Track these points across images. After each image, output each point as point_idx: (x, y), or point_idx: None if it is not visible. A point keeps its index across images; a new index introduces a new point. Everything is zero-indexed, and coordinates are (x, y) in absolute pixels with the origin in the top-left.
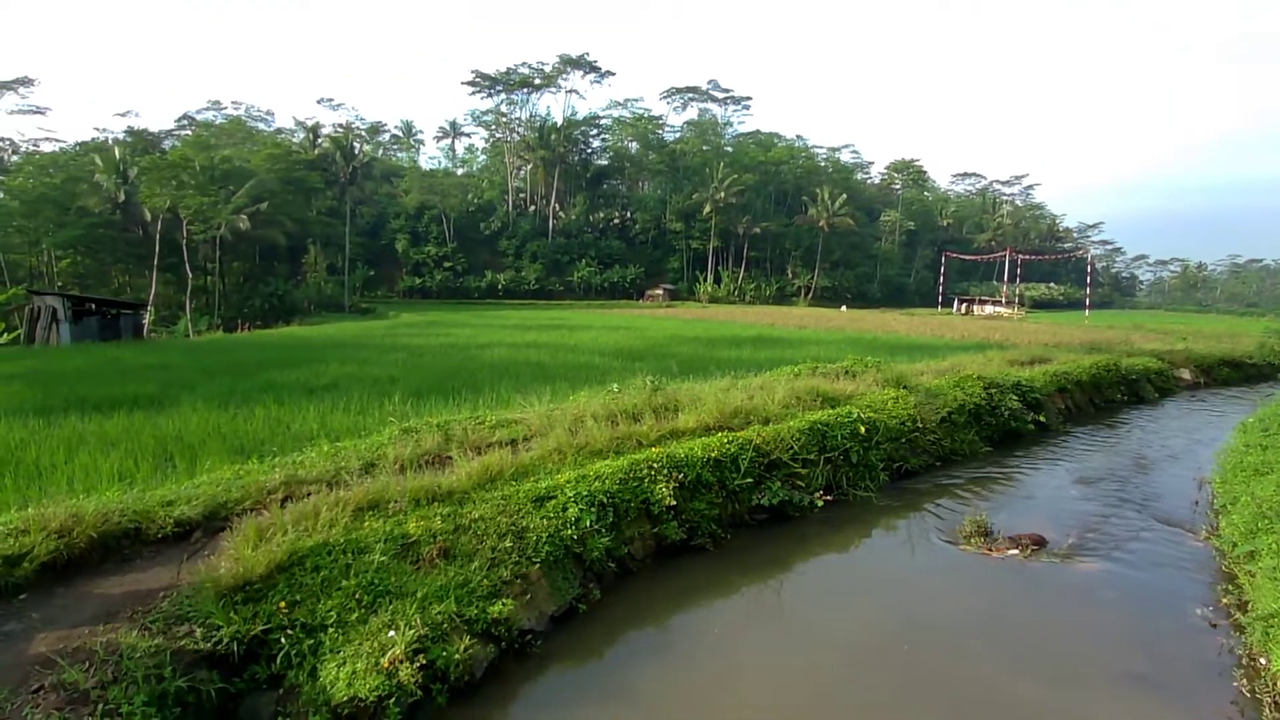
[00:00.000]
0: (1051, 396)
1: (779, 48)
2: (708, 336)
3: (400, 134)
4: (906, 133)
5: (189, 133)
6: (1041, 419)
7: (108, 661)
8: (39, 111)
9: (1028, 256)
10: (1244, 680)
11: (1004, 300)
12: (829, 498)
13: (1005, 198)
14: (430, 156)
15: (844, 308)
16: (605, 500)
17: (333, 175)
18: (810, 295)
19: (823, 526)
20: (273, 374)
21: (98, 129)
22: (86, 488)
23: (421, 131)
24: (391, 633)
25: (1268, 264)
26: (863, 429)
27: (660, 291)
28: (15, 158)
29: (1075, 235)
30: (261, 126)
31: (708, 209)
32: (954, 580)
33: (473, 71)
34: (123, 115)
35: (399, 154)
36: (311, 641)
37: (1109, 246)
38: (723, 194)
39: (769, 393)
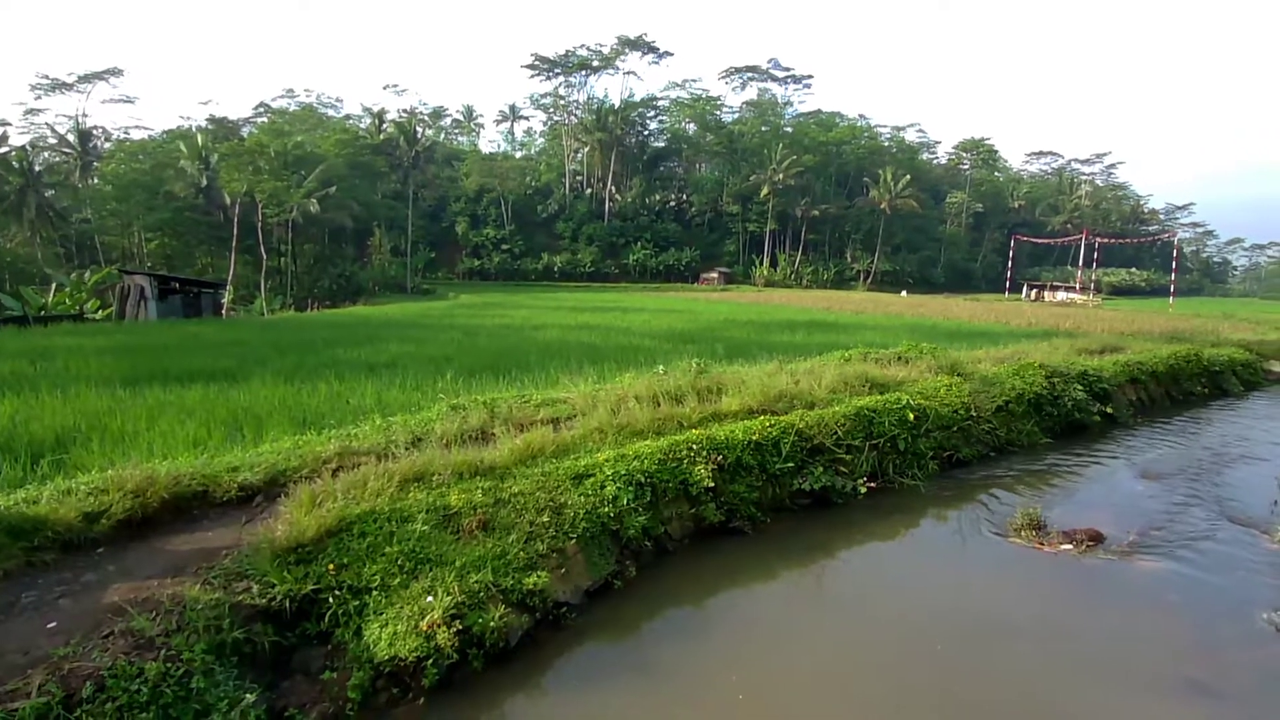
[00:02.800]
0: (1122, 387)
1: (843, 23)
2: (761, 320)
3: (461, 118)
4: (978, 110)
5: (265, 120)
6: (1109, 410)
7: (173, 612)
8: (128, 100)
9: (1106, 240)
10: None
11: (1079, 286)
12: (874, 485)
13: (1084, 177)
14: (490, 140)
15: (905, 293)
16: (643, 480)
17: (397, 159)
18: (870, 280)
19: (866, 514)
20: (337, 351)
21: (183, 117)
22: (164, 453)
23: (482, 115)
24: (430, 598)
25: None
26: (911, 416)
27: (716, 275)
28: (108, 145)
29: (1162, 217)
30: (331, 113)
31: (765, 191)
32: (1001, 574)
33: (532, 54)
34: (205, 104)
35: (460, 138)
36: (357, 603)
37: (1199, 229)
38: (781, 175)
39: (816, 377)
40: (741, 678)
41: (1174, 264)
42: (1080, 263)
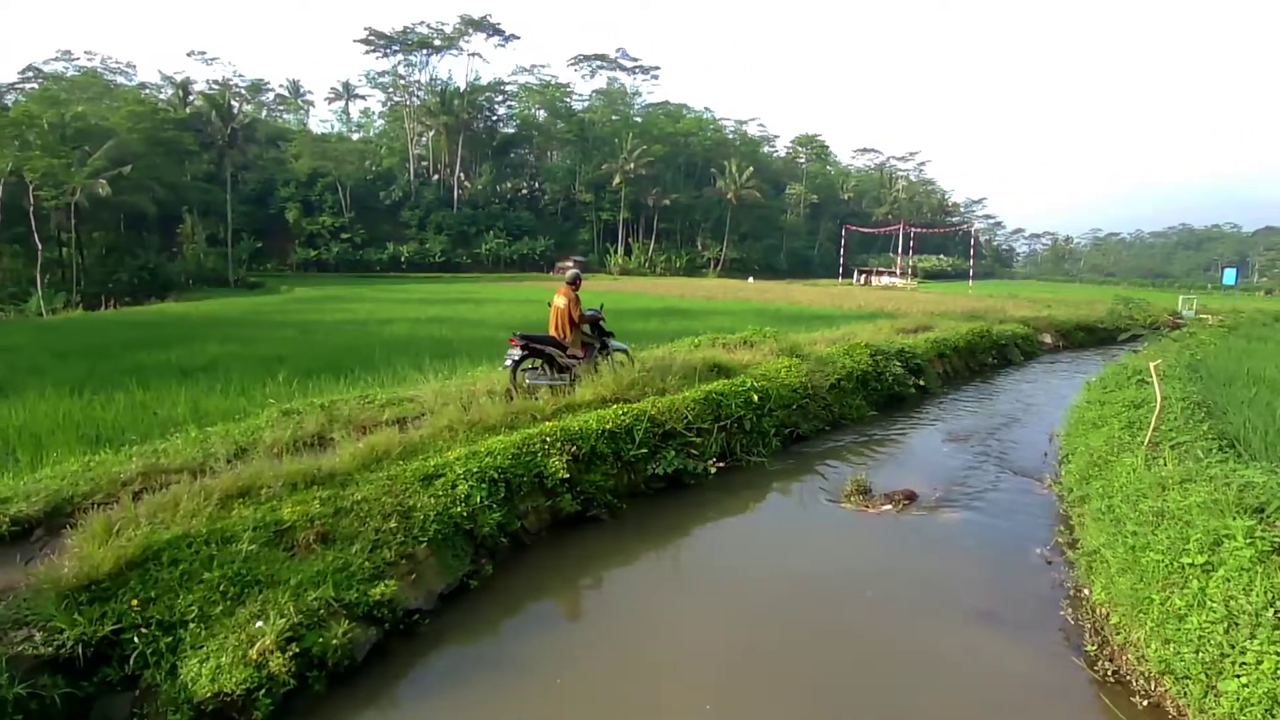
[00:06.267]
0: (932, 361)
1: (684, 15)
2: (617, 309)
3: (286, 94)
4: (811, 107)
5: (35, 86)
6: (923, 383)
7: None
8: None
9: (920, 230)
10: (1070, 610)
11: (899, 271)
12: (723, 464)
13: (900, 173)
14: (321, 120)
15: (751, 279)
16: (497, 475)
17: (208, 137)
18: (720, 267)
19: (717, 492)
20: (140, 355)
21: None
22: None
23: (310, 92)
24: (260, 623)
25: (1124, 237)
26: (756, 397)
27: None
28: None
29: (962, 210)
30: (122, 80)
31: (618, 180)
32: (836, 536)
33: (366, 29)
34: None
35: (286, 116)
36: (170, 639)
37: (991, 220)
38: (632, 165)
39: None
40: (601, 661)
41: (972, 251)
42: (900, 250)
